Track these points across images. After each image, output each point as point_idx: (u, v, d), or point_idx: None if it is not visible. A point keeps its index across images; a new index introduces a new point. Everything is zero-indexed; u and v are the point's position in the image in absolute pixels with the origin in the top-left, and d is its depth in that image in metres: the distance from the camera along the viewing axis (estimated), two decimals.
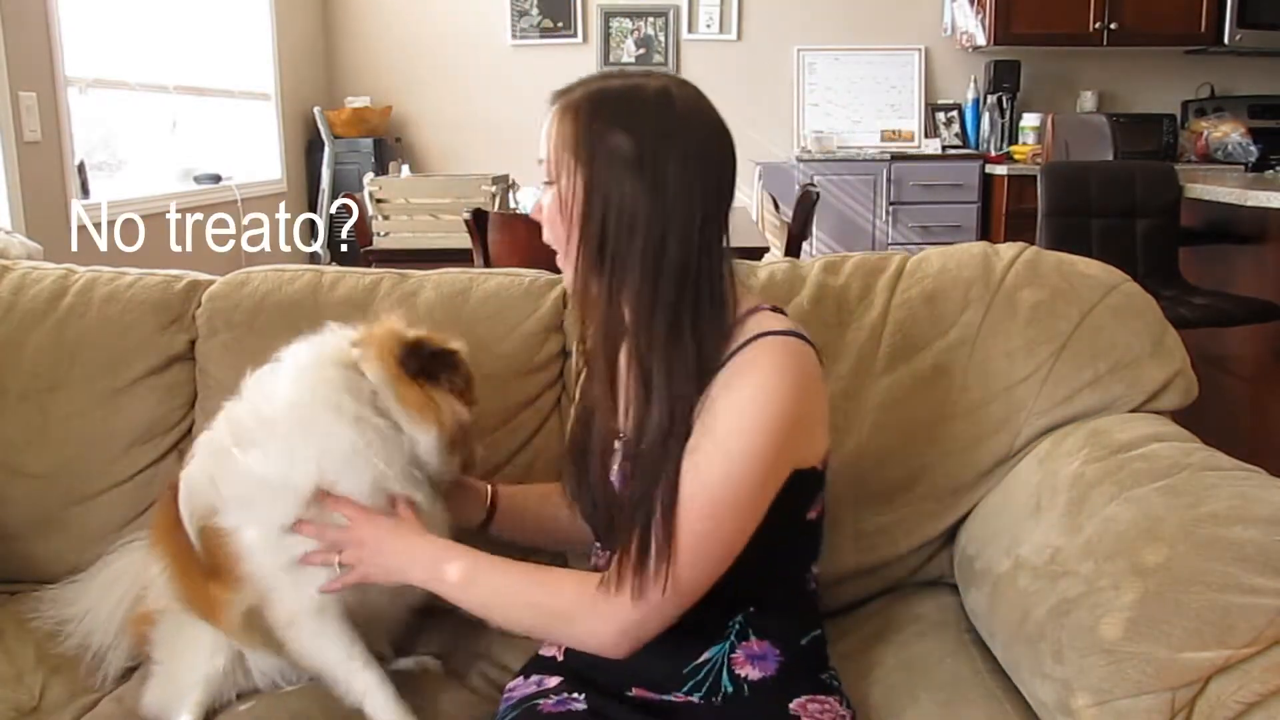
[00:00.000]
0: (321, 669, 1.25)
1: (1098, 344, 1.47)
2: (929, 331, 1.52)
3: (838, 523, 1.51)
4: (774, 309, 1.17)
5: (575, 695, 1.17)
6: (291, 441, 1.19)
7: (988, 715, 1.21)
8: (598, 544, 1.32)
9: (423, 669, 1.40)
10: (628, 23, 5.51)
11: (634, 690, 1.18)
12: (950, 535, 1.53)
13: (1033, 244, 1.65)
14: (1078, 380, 1.46)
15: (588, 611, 1.08)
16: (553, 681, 1.21)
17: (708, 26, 5.51)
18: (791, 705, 1.16)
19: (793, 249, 3.28)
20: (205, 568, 1.28)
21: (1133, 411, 1.46)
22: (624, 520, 1.11)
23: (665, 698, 1.18)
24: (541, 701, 1.17)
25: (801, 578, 1.26)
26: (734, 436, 1.05)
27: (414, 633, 1.45)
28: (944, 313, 1.52)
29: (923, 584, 1.55)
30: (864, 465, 1.49)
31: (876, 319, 1.54)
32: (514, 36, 5.51)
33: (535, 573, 1.14)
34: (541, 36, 5.51)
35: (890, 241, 5.12)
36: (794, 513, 1.18)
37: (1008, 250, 1.59)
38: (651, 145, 1.06)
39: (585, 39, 5.52)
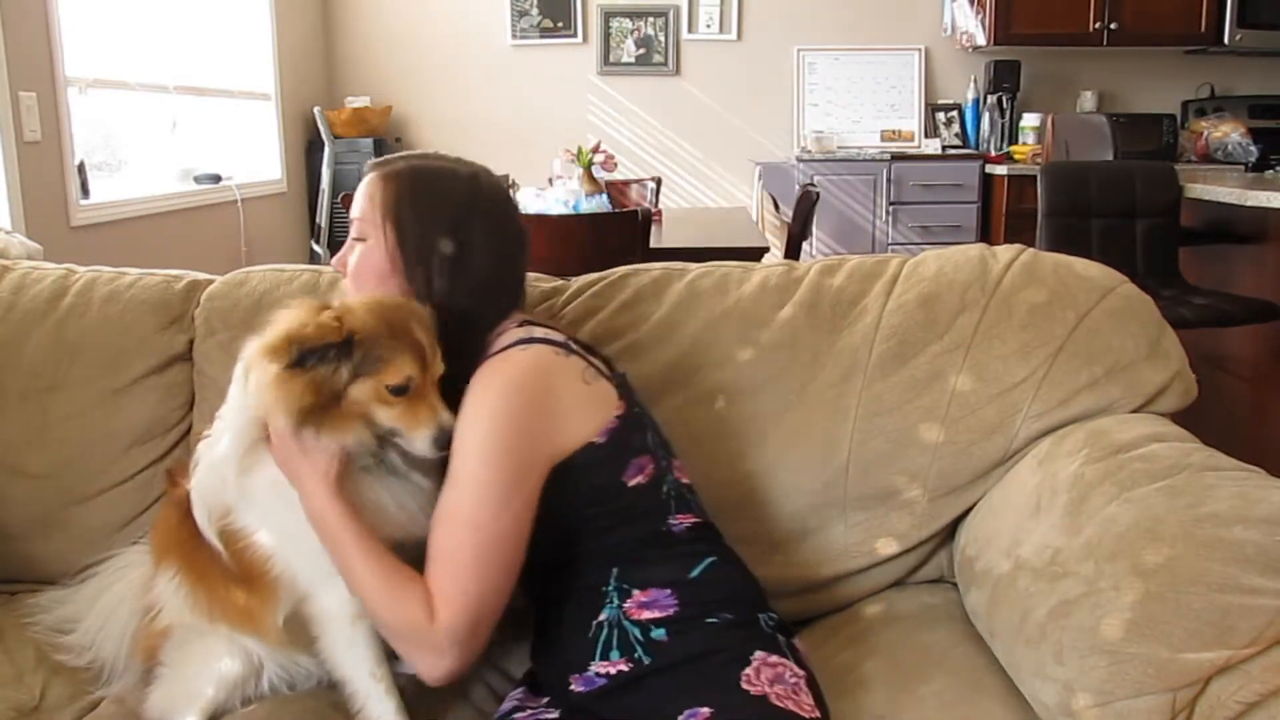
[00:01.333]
0: (345, 679, 1.24)
1: (1094, 347, 1.47)
2: (924, 335, 1.52)
3: (831, 523, 1.51)
4: (524, 323, 1.26)
5: (550, 710, 1.19)
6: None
7: (1003, 704, 1.21)
8: None
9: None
10: (628, 23, 5.51)
11: (571, 678, 1.19)
12: (946, 537, 1.53)
13: (1033, 244, 1.65)
14: (1074, 383, 1.46)
15: (418, 643, 1.15)
16: (538, 700, 1.24)
17: (708, 26, 5.51)
18: (741, 677, 1.13)
19: (793, 249, 3.28)
20: (233, 575, 1.27)
21: (1132, 413, 1.46)
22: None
23: (595, 673, 1.17)
24: (517, 715, 1.20)
25: (659, 531, 1.23)
26: (466, 465, 1.15)
27: None
28: (939, 316, 1.52)
29: (924, 583, 1.55)
30: (857, 467, 1.50)
31: (871, 324, 1.54)
32: (514, 36, 5.51)
33: (391, 578, 1.15)
34: (541, 36, 5.51)
35: (890, 242, 5.13)
36: (603, 488, 1.20)
37: (1005, 253, 1.59)
38: (460, 213, 1.25)
39: (585, 39, 5.52)
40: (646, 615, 1.17)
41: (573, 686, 1.19)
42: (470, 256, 1.24)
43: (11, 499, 1.60)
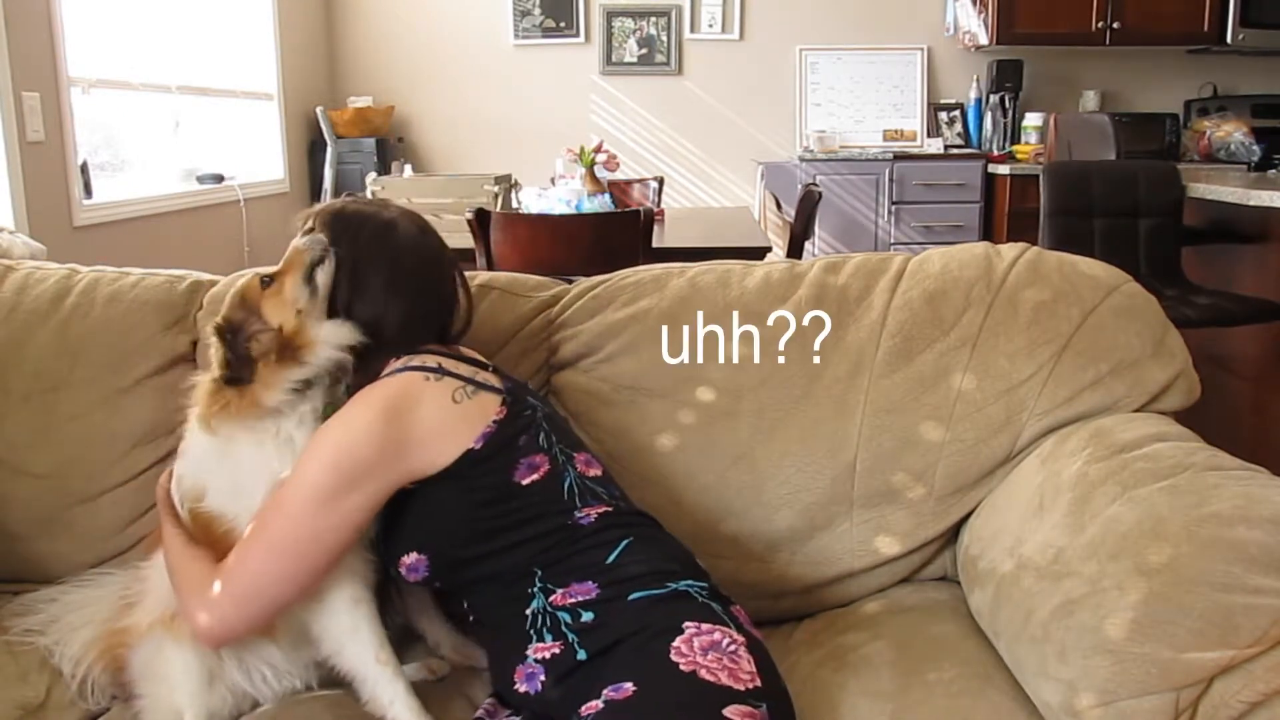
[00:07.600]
0: (350, 668, 1.25)
1: (1099, 345, 1.47)
2: (930, 332, 1.52)
3: (837, 522, 1.51)
4: (410, 354, 1.31)
5: (513, 718, 1.23)
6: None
7: (1012, 699, 1.21)
8: None
9: (429, 670, 1.39)
10: (630, 22, 5.51)
11: (515, 675, 1.21)
12: (952, 536, 1.53)
13: (1035, 244, 1.65)
14: (1079, 381, 1.46)
15: (196, 602, 1.24)
16: (503, 710, 1.26)
17: (710, 26, 5.50)
18: (670, 650, 1.13)
19: (795, 248, 3.28)
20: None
21: (1135, 412, 1.46)
22: None
23: (533, 659, 1.20)
24: None
25: (566, 525, 1.26)
26: (305, 463, 1.23)
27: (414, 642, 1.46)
28: (945, 313, 1.52)
29: (929, 580, 1.55)
30: (864, 466, 1.49)
31: (876, 320, 1.54)
32: (516, 36, 5.51)
33: (190, 561, 1.28)
34: (544, 36, 5.51)
35: (893, 241, 5.13)
36: (496, 487, 1.25)
37: (1009, 250, 1.59)
38: (365, 255, 1.34)
39: (587, 39, 5.52)
40: (572, 600, 1.21)
41: (517, 685, 1.22)
42: (365, 295, 1.33)
43: (15, 499, 1.60)
